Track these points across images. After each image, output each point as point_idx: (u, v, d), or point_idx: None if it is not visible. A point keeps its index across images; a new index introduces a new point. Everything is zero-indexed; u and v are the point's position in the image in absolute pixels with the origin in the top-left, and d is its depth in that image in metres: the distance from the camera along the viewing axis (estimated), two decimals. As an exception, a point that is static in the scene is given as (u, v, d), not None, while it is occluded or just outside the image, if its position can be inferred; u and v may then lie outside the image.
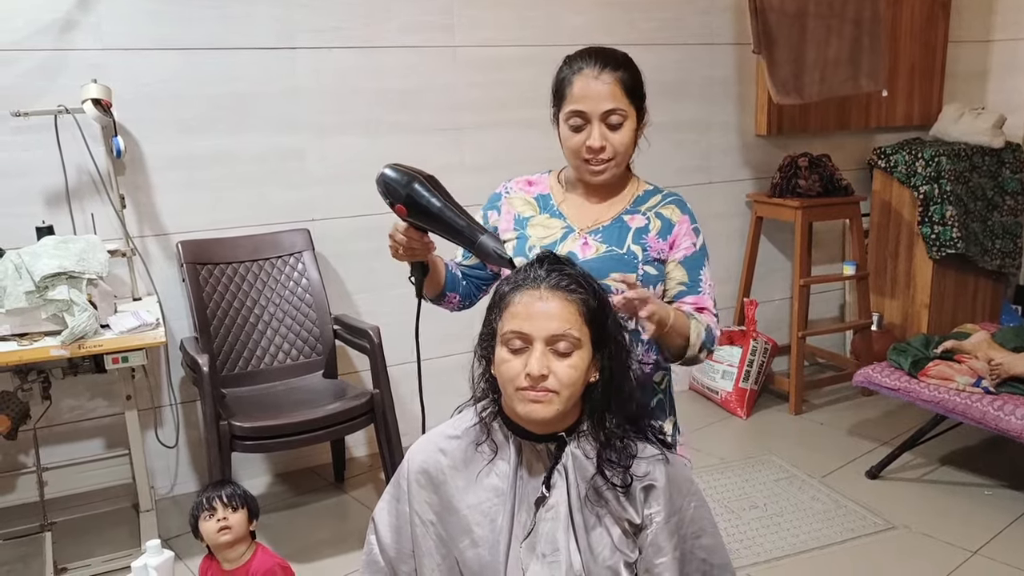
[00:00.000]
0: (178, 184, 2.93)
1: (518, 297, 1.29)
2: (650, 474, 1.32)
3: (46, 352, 2.35)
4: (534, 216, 1.66)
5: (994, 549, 2.60)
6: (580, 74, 1.56)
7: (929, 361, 3.00)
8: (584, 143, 1.57)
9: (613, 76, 1.55)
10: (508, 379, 1.27)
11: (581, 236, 1.62)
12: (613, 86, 1.54)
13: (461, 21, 3.26)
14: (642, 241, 1.62)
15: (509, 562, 1.29)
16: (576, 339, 1.27)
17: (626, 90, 1.56)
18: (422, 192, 1.46)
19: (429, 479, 1.36)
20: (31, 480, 2.80)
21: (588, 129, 1.56)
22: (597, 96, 1.54)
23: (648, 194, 1.69)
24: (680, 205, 1.68)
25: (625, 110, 1.56)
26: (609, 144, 1.57)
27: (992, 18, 4.21)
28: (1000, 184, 3.97)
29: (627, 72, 1.57)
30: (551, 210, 1.67)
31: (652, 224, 1.64)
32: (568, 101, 1.57)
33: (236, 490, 2.04)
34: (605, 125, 1.56)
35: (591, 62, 1.56)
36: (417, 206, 1.46)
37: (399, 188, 1.46)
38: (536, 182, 1.72)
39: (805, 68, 3.52)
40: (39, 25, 2.68)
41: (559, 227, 1.64)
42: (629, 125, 1.58)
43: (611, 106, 1.54)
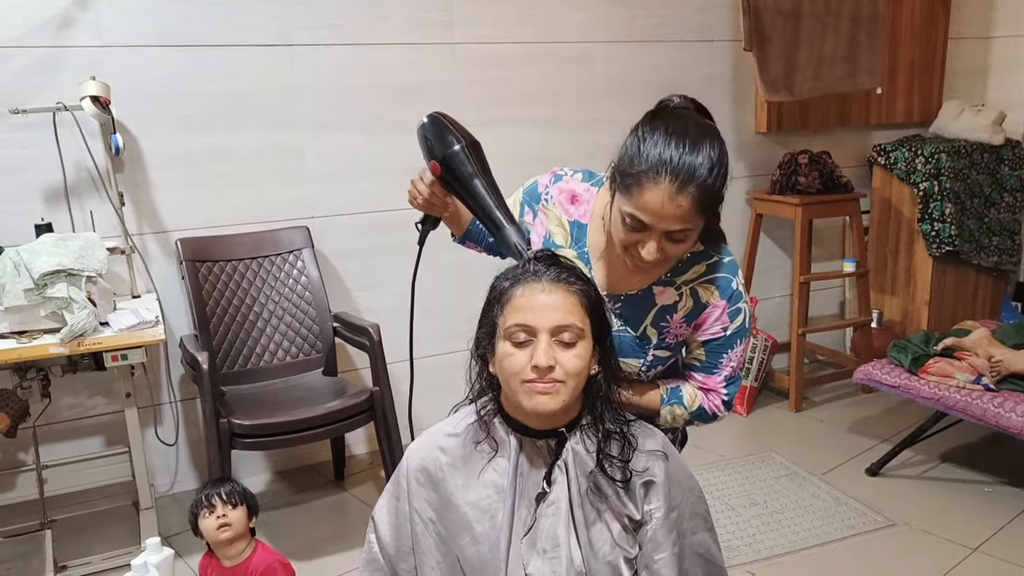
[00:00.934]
0: (177, 181, 2.93)
1: (520, 290, 1.28)
2: (649, 469, 1.33)
3: (45, 350, 2.35)
4: (562, 248, 1.49)
5: (994, 546, 2.60)
6: (656, 185, 1.27)
7: (929, 358, 3.00)
8: (636, 245, 1.34)
9: (692, 196, 1.27)
10: (513, 372, 1.27)
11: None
12: (689, 208, 1.28)
13: (460, 18, 3.25)
14: (662, 324, 1.45)
15: (510, 558, 1.29)
16: (580, 329, 1.27)
17: (701, 207, 1.30)
18: (462, 159, 1.40)
19: (428, 477, 1.36)
20: (31, 478, 2.80)
21: (645, 235, 1.32)
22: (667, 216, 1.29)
23: (692, 260, 1.44)
24: (723, 286, 1.43)
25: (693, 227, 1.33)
26: (664, 256, 1.34)
27: (992, 14, 4.21)
28: (999, 181, 3.96)
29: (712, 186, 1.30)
30: (580, 250, 1.49)
31: (683, 304, 1.44)
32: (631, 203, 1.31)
33: (235, 487, 2.04)
34: (666, 237, 1.32)
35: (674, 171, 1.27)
36: (452, 171, 1.41)
37: (438, 148, 1.41)
38: (581, 198, 1.50)
39: (797, 66, 3.52)
40: (37, 22, 2.67)
41: None
42: (693, 235, 1.35)
43: (679, 227, 1.30)
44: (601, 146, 3.61)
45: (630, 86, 3.61)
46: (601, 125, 3.59)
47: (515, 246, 1.38)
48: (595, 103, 3.57)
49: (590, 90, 3.55)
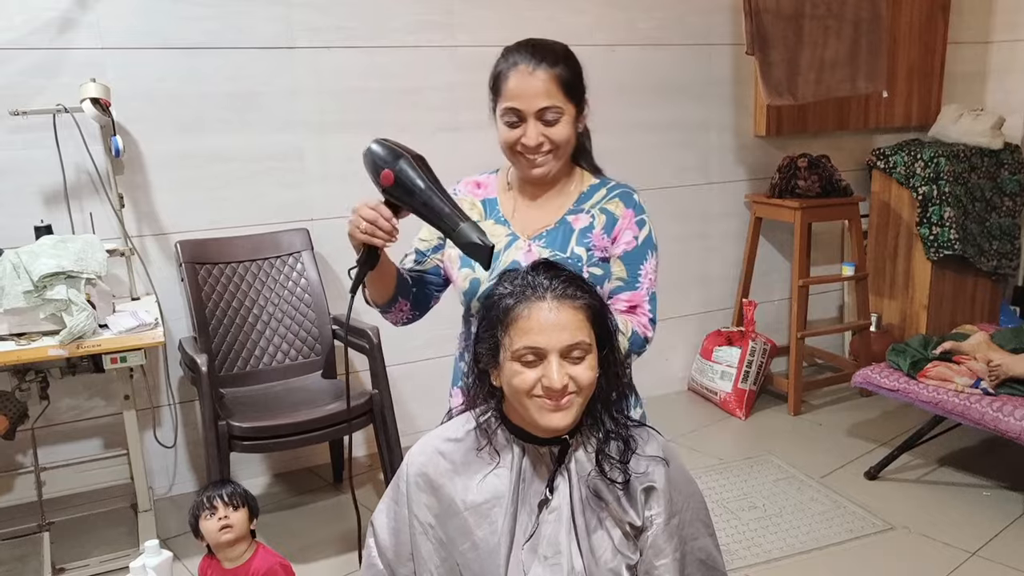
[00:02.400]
0: (177, 184, 2.93)
1: (525, 311, 1.27)
2: (650, 475, 1.32)
3: (44, 352, 2.34)
4: (479, 221, 1.63)
5: (993, 550, 2.60)
6: (515, 69, 1.52)
7: (928, 362, 3.00)
8: (519, 139, 1.54)
9: (549, 73, 1.52)
10: (523, 390, 1.27)
11: (525, 243, 1.60)
12: (548, 83, 1.51)
13: (461, 21, 3.25)
14: (586, 241, 1.59)
15: (510, 565, 1.28)
16: (588, 345, 1.27)
17: (563, 85, 1.53)
18: (408, 170, 1.42)
19: (428, 482, 1.36)
20: (29, 480, 2.80)
21: (524, 126, 1.53)
22: (532, 93, 1.51)
23: (593, 189, 1.66)
24: (625, 198, 1.65)
25: (561, 107, 1.54)
26: (546, 139, 1.54)
27: (991, 19, 4.22)
28: (998, 185, 3.97)
29: (565, 67, 1.54)
30: (496, 216, 1.65)
31: (596, 221, 1.61)
32: (503, 98, 1.54)
33: (237, 489, 2.04)
34: (541, 122, 1.53)
35: (527, 57, 1.53)
36: (403, 182, 1.42)
37: (388, 161, 1.43)
38: (484, 183, 1.70)
39: (799, 69, 3.52)
40: (37, 23, 2.67)
41: (503, 234, 1.62)
42: (567, 120, 1.56)
43: (546, 104, 1.52)
44: (600, 149, 3.60)
45: (630, 89, 3.61)
46: (600, 128, 3.57)
47: (477, 239, 1.39)
48: (595, 106, 3.55)
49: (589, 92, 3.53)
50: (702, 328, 3.95)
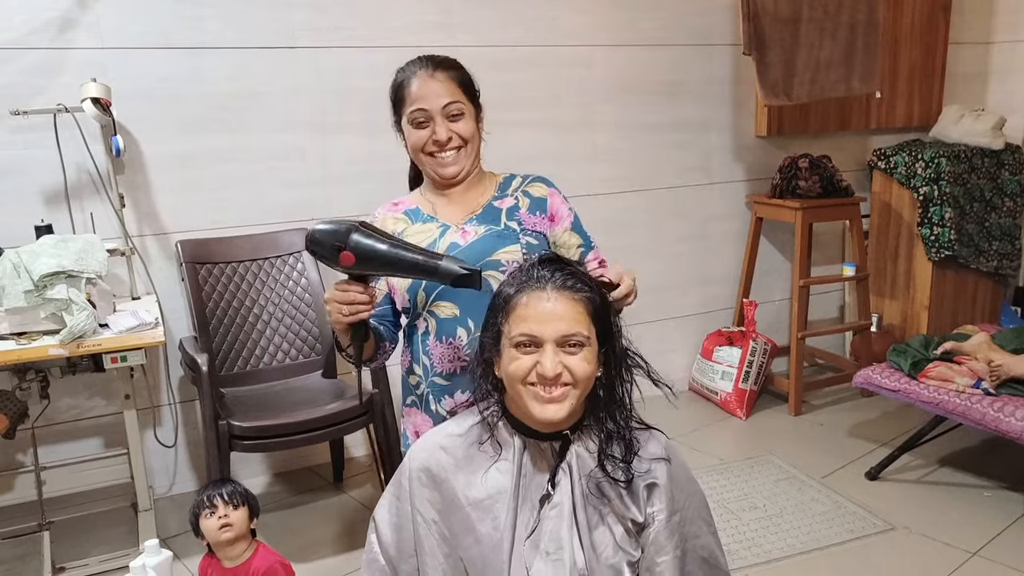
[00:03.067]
0: (177, 183, 2.93)
1: (524, 299, 1.29)
2: (652, 472, 1.33)
3: (45, 351, 2.34)
4: (407, 228, 1.70)
5: (993, 550, 2.60)
6: (416, 76, 1.64)
7: (929, 362, 2.99)
8: (429, 138, 1.64)
9: (447, 74, 1.64)
10: (518, 377, 1.27)
11: (458, 228, 1.67)
12: (449, 83, 1.64)
13: (462, 21, 3.25)
14: (516, 217, 1.69)
15: (512, 560, 1.29)
16: (585, 337, 1.28)
17: (462, 85, 1.66)
18: (362, 240, 1.39)
19: (431, 477, 1.36)
20: (29, 479, 2.80)
21: (431, 125, 1.63)
22: (436, 92, 1.63)
23: (508, 180, 1.76)
24: (543, 180, 1.76)
25: (463, 104, 1.65)
26: (454, 135, 1.64)
27: (992, 20, 4.22)
28: (999, 186, 3.97)
29: (460, 71, 1.68)
30: (423, 218, 1.71)
31: (521, 202, 1.71)
32: (408, 102, 1.64)
33: (237, 488, 2.04)
34: (447, 118, 1.63)
35: (424, 64, 1.65)
36: (362, 252, 1.39)
37: (337, 238, 1.39)
38: (400, 202, 1.77)
39: (795, 70, 3.52)
40: (38, 23, 2.68)
41: (435, 227, 1.68)
42: (469, 116, 1.66)
43: (450, 99, 1.63)
44: (600, 148, 3.62)
45: (631, 89, 3.62)
46: (601, 128, 3.60)
47: (461, 269, 1.39)
48: (595, 106, 3.57)
49: (590, 93, 3.55)
50: (703, 328, 3.94)
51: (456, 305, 1.62)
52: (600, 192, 3.64)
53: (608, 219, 3.67)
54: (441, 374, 1.64)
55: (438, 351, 1.64)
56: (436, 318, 1.64)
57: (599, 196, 3.64)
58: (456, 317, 1.62)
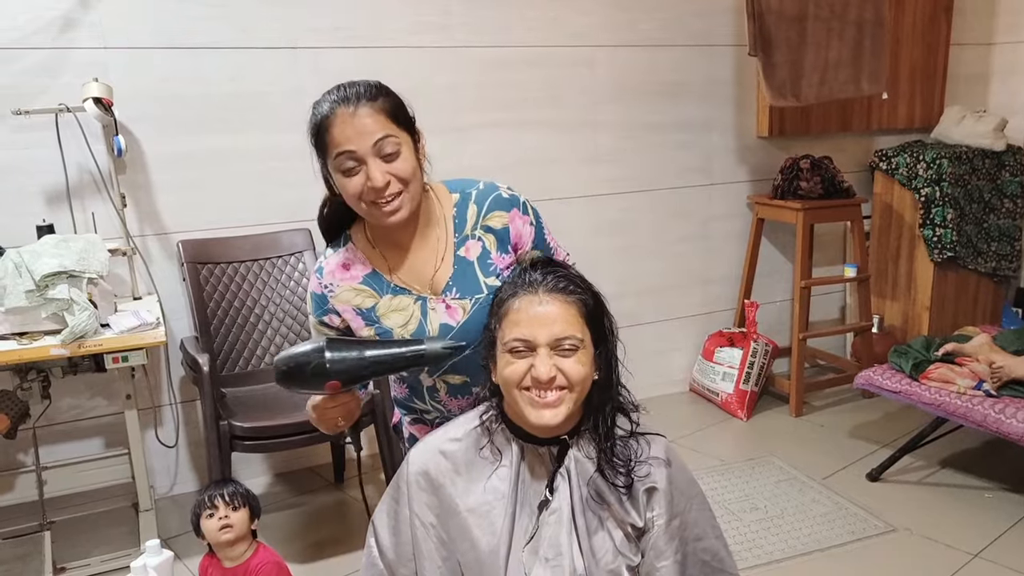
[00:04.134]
0: (179, 183, 2.93)
1: (517, 303, 1.28)
2: (652, 476, 1.32)
3: (46, 351, 2.34)
4: (377, 303, 1.50)
5: (995, 552, 2.60)
6: (334, 115, 1.39)
7: (930, 364, 2.99)
8: (364, 185, 1.40)
9: (370, 107, 1.39)
10: (512, 381, 1.27)
11: (439, 301, 1.49)
12: (374, 115, 1.39)
13: (462, 21, 3.25)
14: (491, 269, 1.51)
15: (509, 565, 1.28)
16: (579, 339, 1.27)
17: (390, 115, 1.41)
18: (340, 353, 1.36)
19: (430, 481, 1.36)
20: (30, 479, 2.80)
21: (363, 169, 1.39)
22: (361, 131, 1.38)
23: (461, 207, 1.53)
24: (499, 204, 1.53)
25: (396, 136, 1.41)
26: (392, 177, 1.40)
27: (994, 21, 4.21)
28: (999, 187, 3.96)
29: (384, 98, 1.42)
30: (390, 289, 1.50)
31: (488, 242, 1.51)
32: (332, 147, 1.40)
33: (238, 489, 2.04)
34: (380, 159, 1.39)
35: (340, 101, 1.40)
36: (344, 371, 1.36)
37: (316, 371, 1.35)
38: (350, 262, 1.52)
39: (803, 71, 3.52)
40: (40, 23, 2.68)
41: (411, 303, 1.49)
42: (407, 149, 1.43)
43: (381, 134, 1.39)
44: (602, 149, 3.62)
45: (632, 90, 3.61)
46: (602, 128, 3.60)
47: (444, 351, 1.39)
48: (597, 106, 3.57)
49: (592, 93, 3.55)
50: (704, 329, 3.94)
51: (465, 376, 1.53)
52: (602, 192, 3.64)
53: (610, 219, 3.67)
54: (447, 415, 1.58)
55: (454, 404, 1.57)
56: (447, 384, 1.55)
57: (601, 196, 3.64)
58: (467, 383, 1.54)
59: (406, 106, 1.47)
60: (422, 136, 1.50)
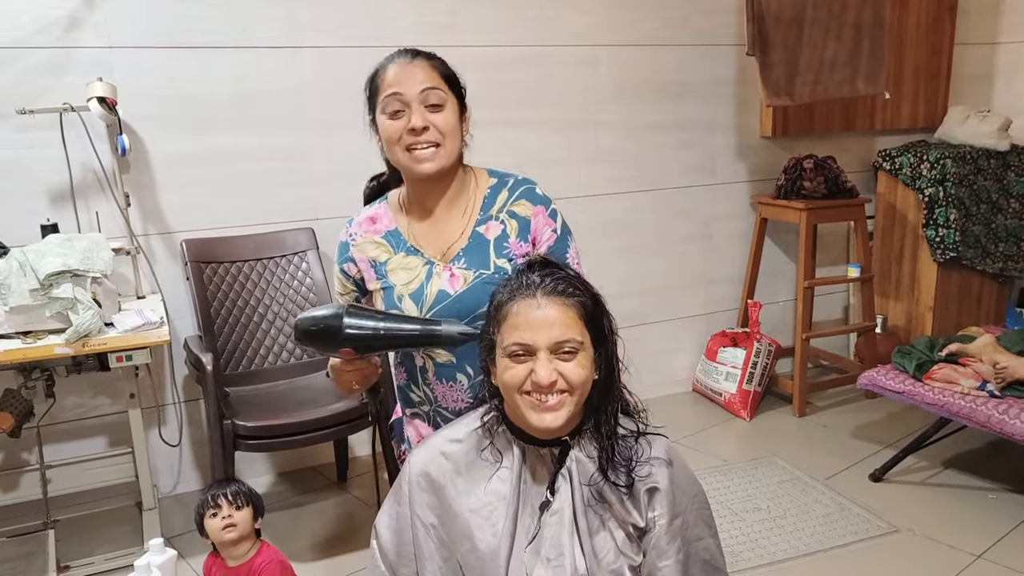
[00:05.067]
0: (183, 182, 2.94)
1: (515, 307, 1.28)
2: (653, 476, 1.32)
3: (50, 350, 2.35)
4: (390, 259, 1.58)
5: (998, 553, 2.59)
6: (392, 62, 1.53)
7: (934, 364, 2.99)
8: (405, 127, 1.50)
9: (427, 61, 1.53)
10: (513, 386, 1.27)
11: (445, 268, 1.55)
12: (428, 69, 1.52)
13: (465, 21, 3.25)
14: (505, 252, 1.56)
15: (511, 566, 1.28)
16: (579, 342, 1.27)
17: (442, 75, 1.54)
18: (355, 330, 1.37)
19: (431, 482, 1.36)
20: (34, 478, 2.81)
21: (407, 113, 1.50)
22: (413, 78, 1.50)
23: (495, 190, 1.61)
24: (530, 196, 1.61)
25: (444, 92, 1.52)
26: (432, 125, 1.50)
27: (999, 20, 4.20)
28: (1005, 187, 3.96)
29: (442, 63, 1.56)
30: (405, 247, 1.59)
31: (509, 227, 1.57)
32: (383, 88, 1.52)
33: (241, 488, 2.05)
34: (425, 107, 1.50)
35: (402, 54, 1.55)
36: (359, 339, 1.38)
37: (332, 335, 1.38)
38: (378, 216, 1.64)
39: (798, 70, 3.52)
40: (44, 22, 2.68)
41: (420, 265, 1.56)
42: (451, 109, 1.53)
43: (428, 84, 1.50)
44: (603, 149, 3.62)
45: (634, 89, 3.61)
46: (604, 128, 3.60)
47: (460, 336, 1.41)
48: (598, 106, 3.57)
49: (593, 93, 3.55)
50: (707, 329, 3.94)
51: (452, 354, 1.55)
52: (604, 192, 3.64)
53: (612, 219, 3.67)
54: (447, 408, 1.60)
55: (440, 390, 1.59)
56: (433, 360, 1.57)
57: (603, 196, 3.64)
58: (452, 364, 1.56)
59: (460, 80, 1.58)
60: (469, 111, 1.60)
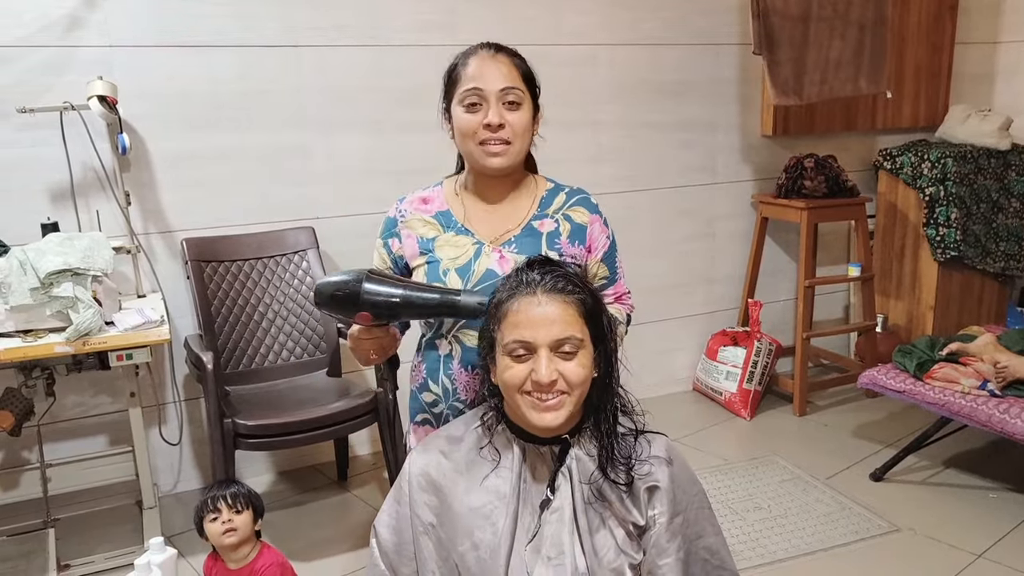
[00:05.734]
0: (183, 181, 2.94)
1: (516, 305, 1.27)
2: (653, 474, 1.32)
3: (50, 349, 2.35)
4: (439, 236, 1.59)
5: (999, 552, 2.59)
6: (475, 55, 1.53)
7: (934, 363, 2.99)
8: (481, 122, 1.51)
9: (509, 59, 1.54)
10: (513, 385, 1.27)
11: (495, 250, 1.56)
12: (510, 67, 1.53)
13: (464, 20, 3.25)
14: (556, 246, 1.58)
15: (511, 565, 1.28)
16: (579, 340, 1.27)
17: (522, 74, 1.54)
18: (373, 296, 1.37)
19: (430, 481, 1.36)
20: (35, 476, 2.81)
21: (484, 108, 1.51)
22: (494, 74, 1.51)
23: (552, 193, 1.65)
24: (586, 204, 1.66)
25: (522, 91, 1.53)
26: (507, 124, 1.51)
27: (999, 19, 4.20)
28: (1006, 186, 3.95)
29: (522, 60, 1.57)
30: (455, 227, 1.59)
31: (562, 227, 1.60)
32: (463, 81, 1.52)
33: (241, 490, 2.04)
34: (503, 105, 1.51)
35: (486, 47, 1.55)
36: (377, 304, 1.37)
37: (351, 299, 1.37)
38: (431, 198, 1.64)
39: (805, 69, 3.52)
40: (45, 21, 2.68)
41: (469, 244, 1.57)
42: (526, 109, 1.54)
43: (509, 84, 1.51)
44: (603, 148, 3.61)
45: (633, 89, 3.61)
46: (604, 128, 3.60)
47: (478, 307, 1.39)
48: (599, 105, 3.57)
49: (594, 92, 3.55)
50: (707, 328, 3.94)
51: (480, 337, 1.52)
52: (604, 192, 3.63)
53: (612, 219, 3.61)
54: (464, 401, 1.57)
55: (463, 379, 1.56)
56: (462, 345, 1.55)
57: (603, 196, 3.57)
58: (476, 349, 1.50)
59: (537, 81, 1.58)
60: (542, 113, 1.61)
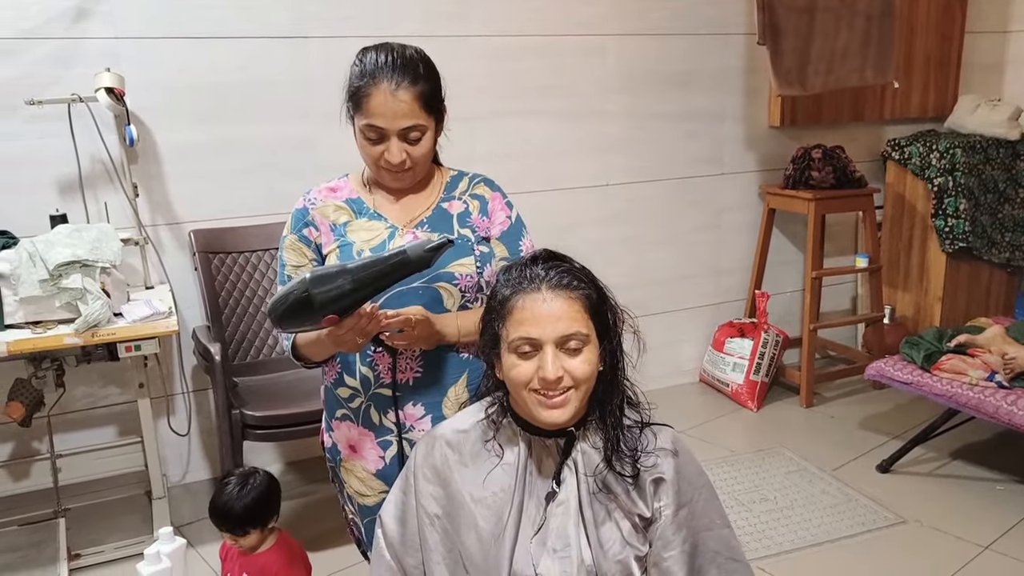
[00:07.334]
0: (191, 173, 2.94)
1: (520, 301, 1.27)
2: (659, 466, 1.32)
3: (60, 340, 2.36)
4: (351, 221, 1.60)
5: (1006, 544, 2.59)
6: (377, 88, 1.49)
7: (942, 355, 2.98)
8: (382, 155, 1.53)
9: (411, 92, 1.49)
10: (520, 383, 1.27)
11: (409, 231, 1.58)
12: (412, 103, 1.49)
13: (473, 11, 3.24)
14: (469, 223, 1.62)
15: (517, 556, 1.29)
16: (585, 335, 1.27)
17: (425, 103, 1.51)
18: (326, 299, 1.36)
19: (436, 473, 1.36)
20: (45, 467, 2.83)
21: (386, 144, 1.52)
22: (395, 114, 1.49)
23: (455, 179, 1.68)
24: (489, 183, 1.69)
25: (424, 124, 1.52)
26: (409, 158, 1.53)
27: (1009, 9, 4.17)
28: (1014, 177, 3.93)
29: (426, 82, 1.52)
30: (368, 213, 1.61)
31: (471, 206, 1.64)
32: (364, 114, 1.51)
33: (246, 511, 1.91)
34: (404, 140, 1.52)
35: (388, 73, 1.49)
36: (336, 300, 1.37)
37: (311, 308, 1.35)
38: (339, 188, 1.66)
39: (810, 59, 3.50)
40: (52, 13, 2.68)
41: (383, 227, 1.59)
42: (429, 136, 1.55)
43: (410, 123, 1.50)
44: (612, 138, 3.61)
45: (642, 79, 3.60)
46: (612, 118, 3.59)
47: (431, 246, 1.38)
48: (607, 96, 3.56)
49: (602, 83, 3.53)
50: (714, 319, 3.94)
51: None
52: (612, 182, 3.63)
53: (620, 209, 3.67)
54: (388, 385, 1.58)
55: (385, 361, 1.57)
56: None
57: (611, 186, 3.63)
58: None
59: (441, 88, 1.57)
60: (446, 115, 1.60)
